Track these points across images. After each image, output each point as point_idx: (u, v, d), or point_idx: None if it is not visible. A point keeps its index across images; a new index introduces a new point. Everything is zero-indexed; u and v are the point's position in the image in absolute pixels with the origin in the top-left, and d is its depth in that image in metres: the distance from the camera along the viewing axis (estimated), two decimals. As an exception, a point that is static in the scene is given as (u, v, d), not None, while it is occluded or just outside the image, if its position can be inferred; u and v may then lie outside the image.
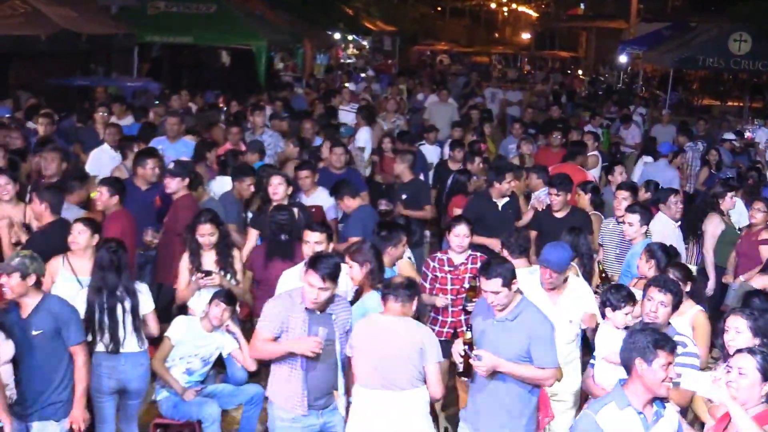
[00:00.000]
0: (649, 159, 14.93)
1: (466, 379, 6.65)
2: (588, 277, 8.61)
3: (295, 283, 6.97)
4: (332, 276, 6.39)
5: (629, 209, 9.41)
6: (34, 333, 6.54)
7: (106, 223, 8.87)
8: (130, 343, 7.28)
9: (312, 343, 6.37)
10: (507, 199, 10.60)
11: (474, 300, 7.30)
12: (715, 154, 15.30)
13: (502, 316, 6.39)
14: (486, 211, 10.39)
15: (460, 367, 6.47)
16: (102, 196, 9.08)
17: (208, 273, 8.08)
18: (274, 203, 9.38)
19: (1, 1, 17.48)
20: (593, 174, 13.30)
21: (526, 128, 17.66)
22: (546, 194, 10.53)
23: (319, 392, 6.56)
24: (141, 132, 13.29)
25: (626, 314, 6.72)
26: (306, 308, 6.45)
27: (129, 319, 7.25)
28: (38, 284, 6.68)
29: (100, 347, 7.19)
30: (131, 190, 9.94)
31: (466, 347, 6.38)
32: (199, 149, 11.94)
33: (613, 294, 6.80)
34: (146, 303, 7.45)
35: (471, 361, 6.29)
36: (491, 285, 6.30)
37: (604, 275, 8.68)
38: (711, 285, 10.49)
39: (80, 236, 7.66)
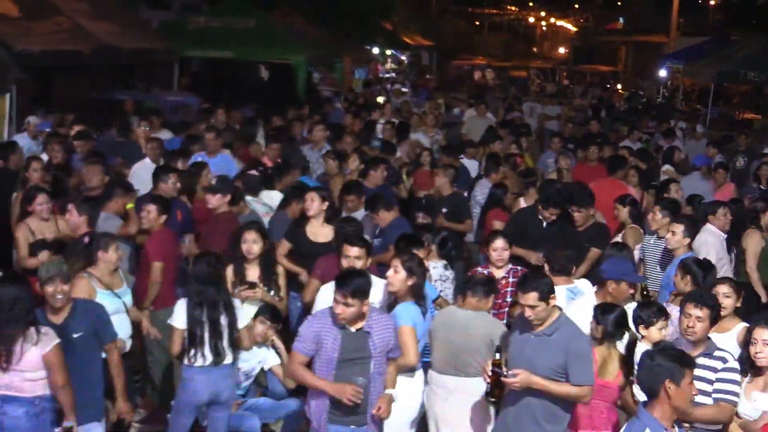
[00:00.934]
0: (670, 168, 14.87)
1: (493, 399, 6.63)
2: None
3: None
4: (358, 293, 6.36)
5: (677, 219, 9.34)
6: (74, 336, 6.64)
7: (151, 241, 8.92)
8: (229, 358, 7.35)
9: (350, 392, 6.34)
10: (553, 218, 10.53)
11: (513, 317, 7.34)
12: (766, 169, 14.94)
13: (540, 331, 6.38)
14: (530, 227, 10.31)
15: (488, 389, 6.49)
16: (150, 214, 9.05)
17: (252, 285, 8.10)
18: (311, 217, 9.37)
19: (45, 17, 17.71)
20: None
21: (565, 143, 17.59)
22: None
23: (350, 410, 6.48)
24: (182, 146, 13.41)
25: (660, 329, 6.68)
26: (339, 326, 6.42)
27: (227, 332, 7.32)
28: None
29: (197, 361, 7.23)
30: None
31: (496, 368, 6.36)
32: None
33: (644, 311, 6.82)
34: (242, 317, 7.53)
35: (504, 379, 6.27)
36: (528, 299, 6.30)
37: (645, 293, 8.62)
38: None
39: (115, 254, 7.73)
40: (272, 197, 11.06)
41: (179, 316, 7.25)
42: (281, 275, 8.50)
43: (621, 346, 6.89)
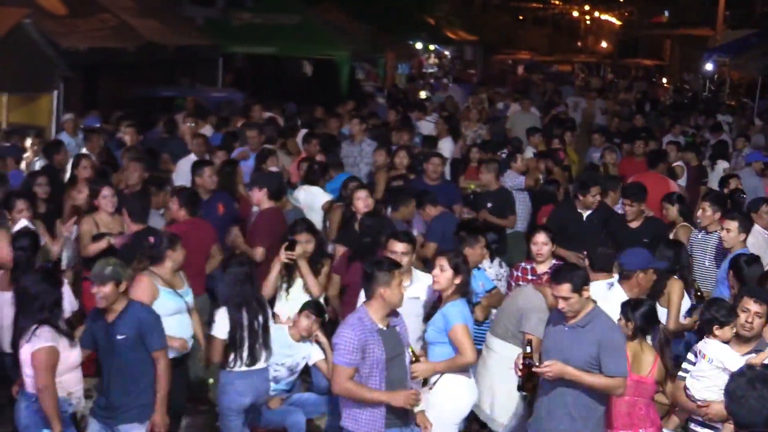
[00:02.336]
0: (725, 164, 14.66)
1: (524, 393, 6.68)
2: (688, 290, 8.48)
3: None
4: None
5: (729, 215, 9.22)
6: (118, 337, 6.64)
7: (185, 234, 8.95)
8: (263, 358, 7.40)
9: (411, 399, 6.37)
10: (591, 210, 10.47)
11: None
12: None
13: (574, 323, 6.37)
14: (569, 222, 10.27)
15: (520, 382, 6.51)
16: (172, 207, 9.19)
17: (291, 245, 8.15)
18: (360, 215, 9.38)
19: (91, 15, 17.87)
20: (680, 184, 13.08)
21: (610, 137, 17.47)
22: None
23: (399, 410, 6.48)
24: (224, 142, 13.50)
25: (732, 328, 6.68)
26: (377, 327, 6.35)
27: (261, 333, 7.37)
28: (126, 291, 6.79)
29: (236, 365, 7.27)
30: None
31: (527, 360, 6.38)
32: (257, 159, 12.03)
33: (719, 311, 6.73)
34: (287, 311, 7.62)
35: (535, 369, 6.30)
36: (560, 290, 6.30)
37: (699, 294, 8.55)
38: None
39: (182, 253, 7.76)
40: (314, 193, 11.09)
41: (222, 326, 7.27)
42: (326, 265, 8.55)
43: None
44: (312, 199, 11.01)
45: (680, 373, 6.78)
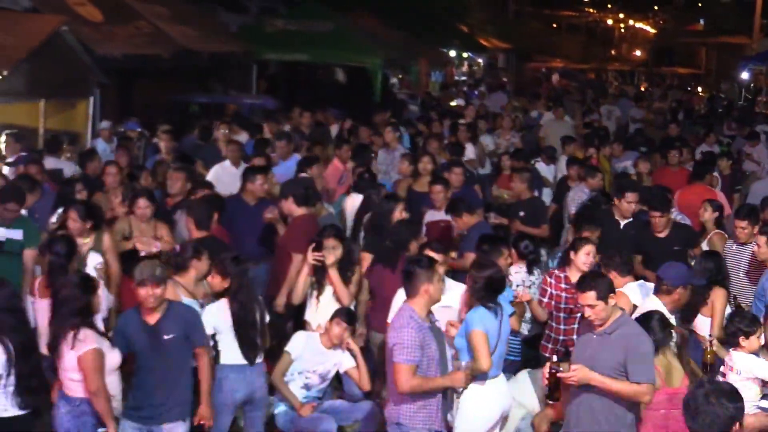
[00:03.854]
0: None
1: (552, 402, 6.73)
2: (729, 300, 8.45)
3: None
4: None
5: (761, 231, 9.13)
6: (165, 337, 6.73)
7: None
8: (260, 354, 7.47)
9: (462, 377, 6.58)
10: (630, 219, 10.41)
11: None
12: None
13: (601, 330, 6.39)
14: (607, 230, 10.21)
15: (547, 390, 6.57)
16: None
17: (318, 244, 8.17)
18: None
19: (127, 22, 18.03)
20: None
21: (636, 146, 17.43)
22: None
23: (445, 406, 6.66)
24: (255, 148, 13.56)
25: (758, 337, 6.68)
26: (428, 324, 6.51)
27: (260, 328, 7.44)
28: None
29: (229, 359, 7.33)
30: (240, 206, 10.11)
31: (553, 368, 6.40)
32: (299, 166, 12.06)
33: (742, 321, 6.79)
34: (318, 318, 7.67)
35: (560, 374, 6.32)
36: (586, 298, 6.34)
37: (738, 306, 8.51)
38: None
39: (207, 263, 7.76)
40: (356, 200, 11.11)
41: (208, 321, 7.31)
42: (357, 272, 8.53)
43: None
44: (351, 205, 11.05)
45: None
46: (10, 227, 8.78)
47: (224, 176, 12.05)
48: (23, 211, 9.18)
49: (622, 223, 10.36)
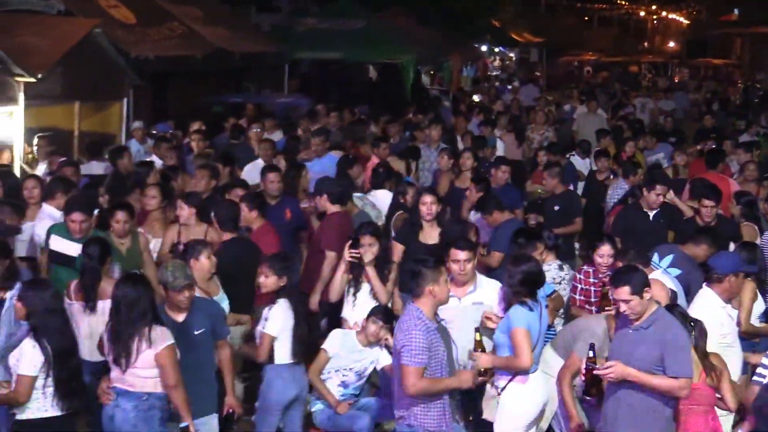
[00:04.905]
0: None
1: (589, 398, 6.72)
2: (764, 293, 8.37)
3: None
4: None
5: None
6: (196, 333, 6.83)
7: (257, 238, 9.01)
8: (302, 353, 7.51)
9: (475, 377, 6.57)
10: (658, 209, 10.37)
11: (607, 308, 7.39)
12: None
13: (637, 325, 6.35)
14: (636, 222, 10.20)
15: (584, 387, 6.60)
16: (242, 211, 9.22)
17: (354, 242, 8.17)
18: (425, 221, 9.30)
19: (160, 23, 18.12)
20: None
21: (666, 137, 17.32)
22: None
23: (453, 404, 6.63)
24: (287, 146, 13.59)
25: None
26: (434, 324, 6.45)
27: (305, 326, 7.51)
28: None
29: (282, 358, 7.37)
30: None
31: (590, 365, 6.41)
32: (341, 165, 12.09)
33: None
34: (355, 316, 7.78)
35: (596, 371, 6.33)
36: (620, 293, 6.30)
37: None
38: None
39: (208, 261, 7.73)
40: (378, 196, 11.12)
41: (275, 323, 7.33)
42: (393, 270, 8.51)
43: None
44: (376, 203, 11.04)
45: (755, 378, 6.67)
46: (81, 241, 8.22)
47: (256, 174, 12.08)
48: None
49: (651, 214, 10.30)
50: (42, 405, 6.40)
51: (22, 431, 6.44)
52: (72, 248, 8.33)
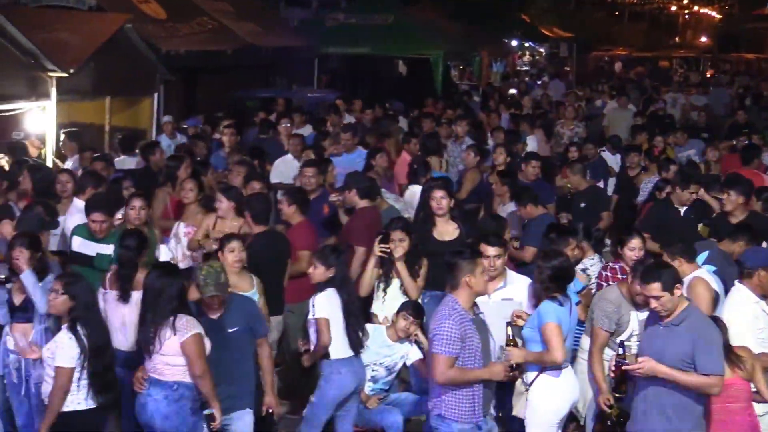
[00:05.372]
0: None
1: (619, 395, 6.67)
2: None
3: None
4: None
5: None
6: (230, 330, 6.84)
7: (292, 233, 9.01)
8: (363, 345, 7.52)
9: (501, 370, 6.50)
10: (687, 206, 10.31)
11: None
12: None
13: (668, 322, 6.30)
14: (667, 218, 10.13)
15: (613, 384, 6.56)
16: (282, 206, 9.24)
17: (384, 237, 8.14)
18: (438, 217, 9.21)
19: (190, 18, 18.20)
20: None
21: (698, 133, 17.19)
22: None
23: (486, 398, 6.58)
24: (315, 141, 13.61)
25: None
26: (470, 315, 6.43)
27: (360, 318, 7.55)
28: None
29: (338, 353, 7.35)
30: None
31: (619, 362, 6.36)
32: (366, 159, 12.07)
33: None
34: (385, 311, 7.78)
35: (625, 367, 6.30)
36: (650, 290, 6.26)
37: None
38: None
39: (243, 254, 7.75)
40: (414, 192, 11.10)
41: (322, 307, 7.31)
42: (424, 266, 8.48)
43: None
44: (412, 198, 11.04)
45: None
46: (101, 241, 8.35)
47: (287, 170, 12.14)
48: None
49: (682, 210, 10.25)
50: (77, 398, 6.46)
51: (56, 424, 6.46)
52: (90, 248, 8.36)
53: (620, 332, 7.13)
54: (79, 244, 8.44)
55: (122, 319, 7.45)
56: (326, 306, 7.32)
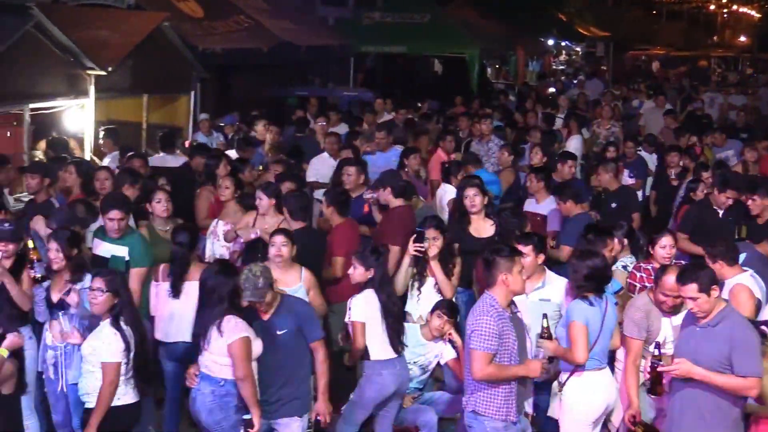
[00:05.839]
0: None
1: (654, 396, 6.66)
2: None
3: None
4: None
5: None
6: (279, 333, 6.81)
7: (333, 236, 8.99)
8: (404, 346, 7.48)
9: (538, 367, 6.47)
10: (729, 202, 10.22)
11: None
12: None
13: (705, 323, 6.25)
14: (706, 219, 10.05)
15: (648, 385, 6.51)
16: (322, 206, 9.23)
17: (419, 236, 8.12)
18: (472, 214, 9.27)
19: (227, 17, 18.29)
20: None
21: (737, 133, 17.02)
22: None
23: (522, 396, 6.58)
24: (348, 140, 13.62)
25: None
26: (508, 314, 6.43)
27: (400, 319, 7.48)
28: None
29: (379, 354, 7.31)
30: None
31: (654, 363, 6.33)
32: (400, 159, 12.08)
33: None
34: (419, 310, 7.71)
35: (660, 368, 6.28)
36: (687, 291, 6.21)
37: None
38: None
39: (284, 249, 7.74)
40: (445, 190, 11.11)
41: (359, 309, 7.28)
42: (458, 264, 8.48)
43: None
44: (442, 197, 11.03)
45: None
46: (116, 242, 8.04)
47: (323, 168, 12.16)
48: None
49: (720, 211, 10.18)
50: (122, 391, 6.50)
51: (103, 419, 6.48)
52: (104, 249, 8.11)
53: (651, 340, 7.02)
54: (96, 246, 8.24)
55: (171, 311, 7.55)
56: (363, 308, 7.30)
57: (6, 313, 7.11)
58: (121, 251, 8.01)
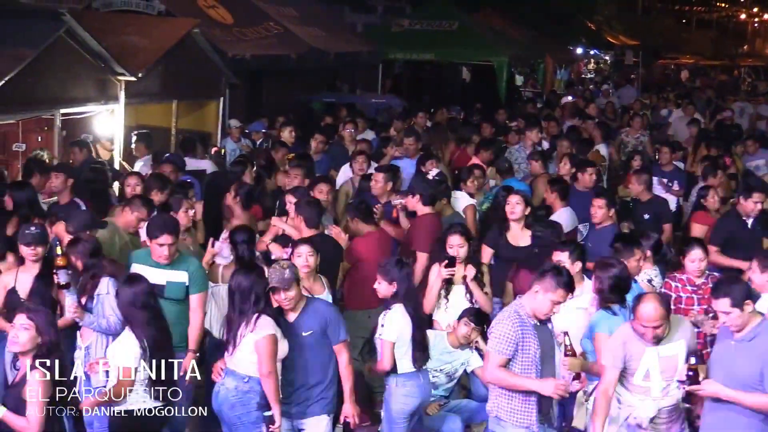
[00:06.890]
0: None
1: (688, 406, 6.60)
2: None
3: None
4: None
5: None
6: (304, 334, 6.84)
7: (361, 245, 8.98)
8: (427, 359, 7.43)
9: (560, 389, 6.35)
10: (755, 217, 10.14)
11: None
12: None
13: (740, 337, 6.20)
14: (736, 231, 9.97)
15: (683, 394, 6.42)
16: (348, 221, 9.28)
17: (450, 261, 8.11)
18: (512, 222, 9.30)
19: (256, 23, 18.38)
20: None
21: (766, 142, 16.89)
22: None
23: (547, 405, 6.53)
24: (379, 146, 13.63)
25: None
26: (533, 321, 6.40)
27: (424, 332, 7.43)
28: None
29: (405, 367, 7.23)
30: None
31: (690, 373, 6.25)
32: (417, 165, 12.07)
33: None
34: (446, 318, 7.72)
35: (686, 387, 6.22)
36: (720, 305, 6.16)
37: None
38: None
39: (311, 258, 7.68)
40: (456, 198, 11.07)
41: (392, 328, 7.17)
42: (486, 273, 8.49)
43: None
44: (454, 203, 11.00)
45: None
46: (169, 268, 7.51)
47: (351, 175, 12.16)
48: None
49: (749, 222, 10.10)
50: (140, 397, 6.53)
51: (121, 424, 6.54)
52: (157, 276, 7.42)
53: (632, 371, 6.50)
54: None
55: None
56: (397, 327, 7.15)
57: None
58: (180, 276, 7.54)
